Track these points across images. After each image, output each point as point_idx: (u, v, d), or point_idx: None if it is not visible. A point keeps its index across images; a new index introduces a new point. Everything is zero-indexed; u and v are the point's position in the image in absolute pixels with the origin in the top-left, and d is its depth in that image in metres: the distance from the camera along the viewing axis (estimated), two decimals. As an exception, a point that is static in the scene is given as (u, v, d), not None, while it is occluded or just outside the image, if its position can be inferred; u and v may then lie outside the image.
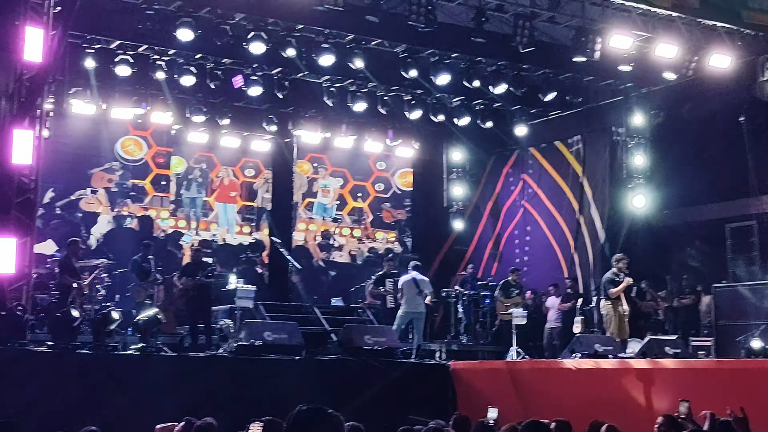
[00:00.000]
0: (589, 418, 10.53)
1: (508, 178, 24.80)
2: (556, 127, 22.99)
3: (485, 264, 24.74)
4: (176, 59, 19.45)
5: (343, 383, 14.14)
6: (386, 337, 15.95)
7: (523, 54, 17.97)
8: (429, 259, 23.41)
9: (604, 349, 14.99)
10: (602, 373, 13.55)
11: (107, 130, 21.86)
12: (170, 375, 13.28)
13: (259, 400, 12.50)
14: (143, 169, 22.65)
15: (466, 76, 19.97)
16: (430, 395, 14.96)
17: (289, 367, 14.27)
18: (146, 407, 11.87)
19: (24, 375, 12.27)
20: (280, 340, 14.77)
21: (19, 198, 14.30)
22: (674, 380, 12.53)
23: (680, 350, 15.00)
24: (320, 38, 18.56)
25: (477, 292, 21.90)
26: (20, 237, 14.04)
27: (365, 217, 25.70)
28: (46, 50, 14.56)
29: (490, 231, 25.04)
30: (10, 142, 14.01)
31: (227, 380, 13.70)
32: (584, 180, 22.18)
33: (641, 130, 21.08)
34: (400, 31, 18.47)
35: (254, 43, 17.96)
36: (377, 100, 21.86)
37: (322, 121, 23.56)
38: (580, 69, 19.59)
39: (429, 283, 18.65)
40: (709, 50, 17.98)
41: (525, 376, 14.63)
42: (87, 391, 12.60)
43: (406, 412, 12.15)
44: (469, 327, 21.69)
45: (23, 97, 14.40)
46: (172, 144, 23.05)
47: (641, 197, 20.80)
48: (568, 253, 22.19)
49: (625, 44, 17.59)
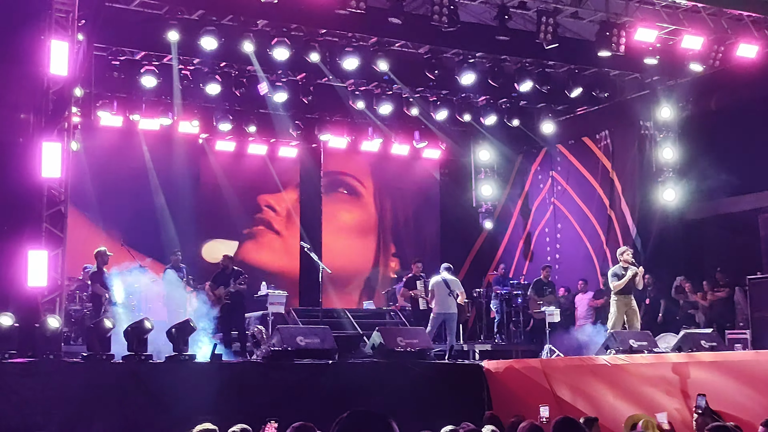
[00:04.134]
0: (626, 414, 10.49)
1: (536, 176, 24.72)
2: (584, 123, 22.88)
3: (516, 263, 24.67)
4: (201, 68, 19.54)
5: (376, 386, 14.09)
6: (419, 339, 15.90)
7: (547, 50, 17.87)
8: (460, 259, 23.35)
9: (639, 345, 14.87)
10: (637, 369, 13.43)
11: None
12: (204, 382, 13.29)
13: (293, 405, 12.50)
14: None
15: (491, 75, 19.90)
16: (465, 396, 14.89)
17: (322, 371, 14.25)
18: (181, 415, 11.87)
19: (60, 386, 12.33)
20: (313, 344, 14.75)
21: (50, 210, 14.39)
22: (711, 374, 12.41)
23: (716, 344, 14.85)
24: (343, 42, 18.57)
25: (509, 292, 21.85)
26: (51, 249, 14.15)
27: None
28: (72, 63, 14.65)
29: (520, 230, 24.97)
30: (39, 155, 14.11)
31: (261, 386, 13.69)
32: (614, 175, 22.07)
33: (669, 123, 20.93)
34: (423, 32, 18.43)
35: (278, 49, 17.99)
36: (403, 102, 21.84)
37: (348, 126, 23.58)
38: (606, 64, 19.45)
39: (460, 284, 18.61)
40: (736, 40, 17.81)
41: (559, 373, 14.53)
42: (122, 401, 12.64)
43: (440, 413, 12.09)
44: (502, 326, 21.64)
45: (50, 111, 14.50)
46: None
47: (671, 191, 20.64)
48: (600, 249, 22.08)
49: (650, 37, 17.47)
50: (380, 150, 24.71)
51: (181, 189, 22.50)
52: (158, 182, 22.26)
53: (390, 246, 25.76)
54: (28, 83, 14.57)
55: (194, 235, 22.35)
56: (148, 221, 21.76)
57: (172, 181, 22.43)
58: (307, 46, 18.27)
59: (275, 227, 24.51)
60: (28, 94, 14.58)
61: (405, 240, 25.79)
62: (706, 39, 17.75)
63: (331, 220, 24.91)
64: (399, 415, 9.47)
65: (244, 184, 23.89)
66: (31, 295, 13.78)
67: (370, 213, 25.73)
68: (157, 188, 22.26)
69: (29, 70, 14.56)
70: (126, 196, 21.58)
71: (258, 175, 24.14)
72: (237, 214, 23.60)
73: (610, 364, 13.84)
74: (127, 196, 21.65)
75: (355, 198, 25.64)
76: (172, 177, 22.45)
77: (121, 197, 21.44)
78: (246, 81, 20.10)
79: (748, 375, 11.93)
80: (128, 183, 21.88)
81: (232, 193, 23.58)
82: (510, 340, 21.44)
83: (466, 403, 14.41)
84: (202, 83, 19.60)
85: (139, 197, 21.95)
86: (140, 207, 21.82)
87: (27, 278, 13.75)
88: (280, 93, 20.31)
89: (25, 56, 14.56)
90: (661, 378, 12.94)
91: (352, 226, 25.50)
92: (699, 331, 16.15)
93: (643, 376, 13.22)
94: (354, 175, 25.55)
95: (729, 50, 17.94)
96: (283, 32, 18.05)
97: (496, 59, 19.77)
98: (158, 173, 22.34)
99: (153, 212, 22.02)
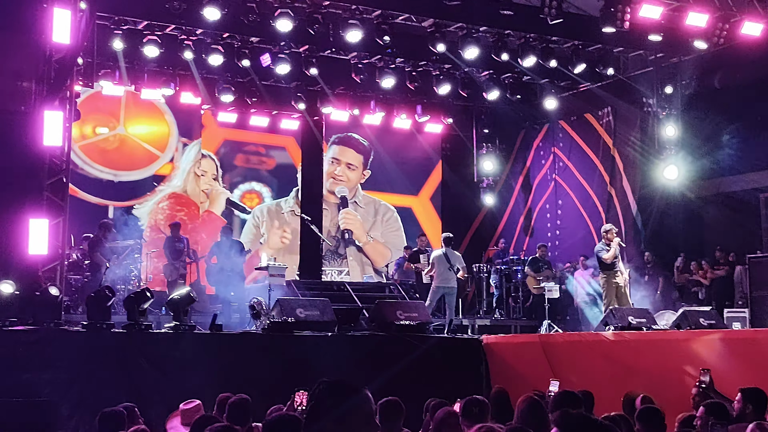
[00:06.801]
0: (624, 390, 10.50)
1: (538, 152, 24.71)
2: (586, 100, 22.83)
3: (517, 238, 24.70)
4: (204, 39, 19.48)
5: (375, 359, 14.14)
6: (418, 313, 15.92)
7: (551, 26, 17.79)
8: (460, 234, 23.38)
9: (638, 321, 14.90)
10: (636, 345, 13.47)
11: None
12: (204, 352, 13.34)
13: (291, 376, 12.51)
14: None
15: (494, 50, 19.80)
16: (463, 370, 14.94)
17: (321, 343, 14.28)
18: (180, 384, 11.93)
19: (59, 354, 12.37)
20: (313, 316, 14.77)
21: (51, 179, 14.40)
22: (709, 351, 12.44)
23: (715, 321, 14.89)
24: (347, 14, 18.48)
25: (509, 267, 21.89)
26: (53, 218, 14.15)
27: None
28: (74, 32, 14.60)
29: (521, 205, 24.99)
30: (40, 123, 14.09)
31: (260, 357, 13.74)
32: (615, 152, 22.06)
33: (672, 100, 20.87)
34: (427, 5, 18.37)
35: (281, 20, 17.92)
36: (406, 75, 21.77)
37: (350, 98, 23.51)
38: (610, 40, 19.40)
39: (461, 258, 18.63)
40: (741, 18, 17.73)
41: (558, 349, 14.57)
42: (122, 370, 12.69)
43: (439, 386, 12.14)
44: (502, 301, 21.71)
45: (52, 79, 14.46)
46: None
47: (673, 168, 20.62)
48: (600, 226, 22.07)
49: (655, 13, 17.38)
50: (382, 123, 24.65)
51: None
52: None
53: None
54: (30, 51, 14.52)
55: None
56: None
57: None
58: (311, 18, 18.20)
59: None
60: (31, 62, 14.54)
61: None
62: (710, 16, 17.67)
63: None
64: (397, 388, 9.54)
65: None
66: (32, 263, 13.80)
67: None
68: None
69: (31, 39, 14.51)
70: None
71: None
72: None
73: (609, 341, 13.88)
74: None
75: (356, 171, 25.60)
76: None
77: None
78: (249, 52, 20.02)
79: (747, 353, 11.97)
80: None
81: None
82: (509, 315, 21.52)
83: (464, 377, 14.49)
84: (205, 54, 19.53)
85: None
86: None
87: (28, 246, 13.77)
88: (283, 65, 20.24)
89: (27, 24, 14.51)
90: (660, 354, 12.98)
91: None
92: (698, 309, 16.21)
93: (641, 353, 13.26)
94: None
95: (734, 28, 17.85)
96: (287, 3, 17.97)
97: (500, 34, 19.68)
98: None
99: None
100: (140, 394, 11.66)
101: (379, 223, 24.82)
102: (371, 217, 24.84)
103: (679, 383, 12.14)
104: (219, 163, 23.32)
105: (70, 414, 11.91)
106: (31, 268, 13.77)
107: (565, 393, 7.49)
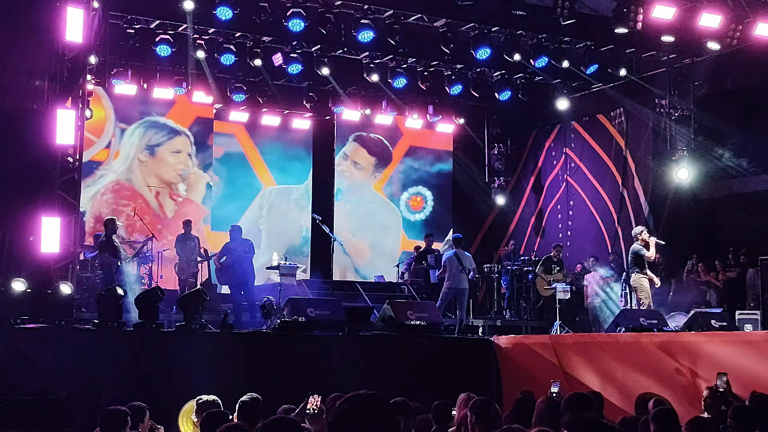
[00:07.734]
0: (636, 392, 10.49)
1: (550, 153, 24.65)
2: (599, 100, 22.77)
3: (528, 239, 24.65)
4: (216, 38, 19.50)
5: (385, 359, 14.15)
6: (429, 313, 15.91)
7: (564, 26, 17.78)
8: (471, 234, 23.34)
9: (649, 323, 14.87)
10: (648, 347, 13.44)
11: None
12: (214, 352, 13.34)
13: (302, 376, 12.53)
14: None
15: (506, 50, 19.77)
16: (474, 370, 14.92)
17: (331, 343, 14.29)
18: (191, 384, 11.94)
19: (71, 353, 12.40)
20: (323, 316, 14.77)
21: (63, 177, 14.44)
22: (721, 353, 12.40)
23: (726, 323, 14.84)
24: (359, 14, 18.49)
25: (520, 268, 21.84)
26: (65, 216, 14.19)
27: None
28: (87, 30, 14.64)
29: (532, 206, 24.94)
30: (53, 122, 14.12)
31: (270, 357, 13.74)
32: (627, 153, 22.01)
33: (685, 101, 20.81)
34: (439, 5, 18.35)
35: (293, 20, 17.94)
36: (417, 75, 21.76)
37: (362, 98, 23.50)
38: (622, 41, 19.36)
39: (472, 259, 18.63)
40: (754, 19, 17.66)
41: (569, 349, 14.54)
42: (133, 368, 12.71)
43: (449, 387, 12.12)
44: (512, 302, 21.66)
45: (65, 78, 14.50)
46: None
47: (685, 170, 20.53)
48: (612, 227, 22.07)
49: (668, 14, 17.32)
50: (393, 123, 24.64)
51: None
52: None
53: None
54: (43, 50, 14.55)
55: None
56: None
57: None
58: (323, 18, 18.21)
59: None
60: (43, 61, 14.56)
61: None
62: (723, 17, 17.60)
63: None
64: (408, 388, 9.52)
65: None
66: (44, 261, 13.83)
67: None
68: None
69: (44, 37, 14.54)
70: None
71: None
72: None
73: (620, 342, 13.86)
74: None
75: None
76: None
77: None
78: (261, 52, 20.04)
79: (759, 355, 11.93)
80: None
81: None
82: (520, 316, 21.47)
83: (475, 378, 14.44)
84: (217, 53, 19.56)
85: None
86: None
87: (40, 245, 13.80)
88: (295, 64, 20.24)
89: (40, 23, 14.53)
90: (671, 356, 12.95)
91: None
92: (709, 311, 16.15)
93: (652, 354, 13.22)
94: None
95: (747, 29, 17.77)
96: (299, 3, 17.99)
97: (512, 34, 19.67)
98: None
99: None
100: (151, 393, 11.66)
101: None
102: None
103: (691, 385, 12.13)
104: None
105: (81, 412, 11.93)
106: (43, 266, 13.80)
107: (576, 395, 7.46)
